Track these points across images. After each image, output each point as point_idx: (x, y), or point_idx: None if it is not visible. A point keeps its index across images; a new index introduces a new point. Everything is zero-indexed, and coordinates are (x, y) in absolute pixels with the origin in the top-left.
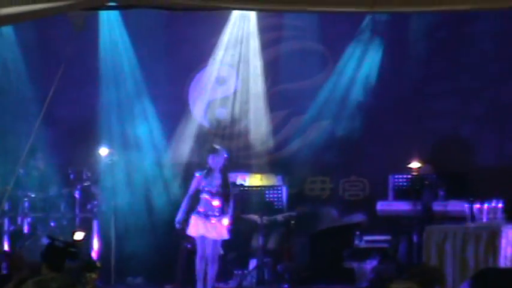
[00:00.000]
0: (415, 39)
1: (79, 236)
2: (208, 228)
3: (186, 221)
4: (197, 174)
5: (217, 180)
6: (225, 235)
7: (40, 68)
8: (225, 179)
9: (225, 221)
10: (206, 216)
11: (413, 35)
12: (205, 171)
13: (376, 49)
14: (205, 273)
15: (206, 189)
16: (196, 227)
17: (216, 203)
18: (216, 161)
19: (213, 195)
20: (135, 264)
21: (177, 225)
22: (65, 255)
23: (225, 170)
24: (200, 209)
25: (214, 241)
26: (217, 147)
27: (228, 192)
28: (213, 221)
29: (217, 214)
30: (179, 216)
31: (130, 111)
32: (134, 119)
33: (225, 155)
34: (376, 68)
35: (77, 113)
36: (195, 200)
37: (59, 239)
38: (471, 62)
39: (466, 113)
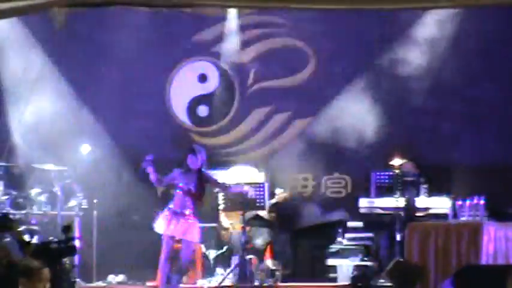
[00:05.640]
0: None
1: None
2: (179, 229)
3: None
4: (176, 170)
5: (193, 181)
6: (196, 238)
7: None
8: (200, 181)
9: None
10: (179, 214)
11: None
12: (183, 169)
13: (355, 45)
14: (169, 277)
15: (180, 186)
16: (165, 225)
17: (188, 202)
18: (194, 162)
19: (185, 193)
20: (117, 261)
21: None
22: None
23: (202, 172)
24: (174, 206)
25: (188, 242)
26: (196, 147)
27: (202, 194)
28: (185, 222)
29: (188, 213)
30: None
31: (117, 110)
32: (117, 117)
33: (204, 157)
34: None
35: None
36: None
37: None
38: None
39: (446, 111)
